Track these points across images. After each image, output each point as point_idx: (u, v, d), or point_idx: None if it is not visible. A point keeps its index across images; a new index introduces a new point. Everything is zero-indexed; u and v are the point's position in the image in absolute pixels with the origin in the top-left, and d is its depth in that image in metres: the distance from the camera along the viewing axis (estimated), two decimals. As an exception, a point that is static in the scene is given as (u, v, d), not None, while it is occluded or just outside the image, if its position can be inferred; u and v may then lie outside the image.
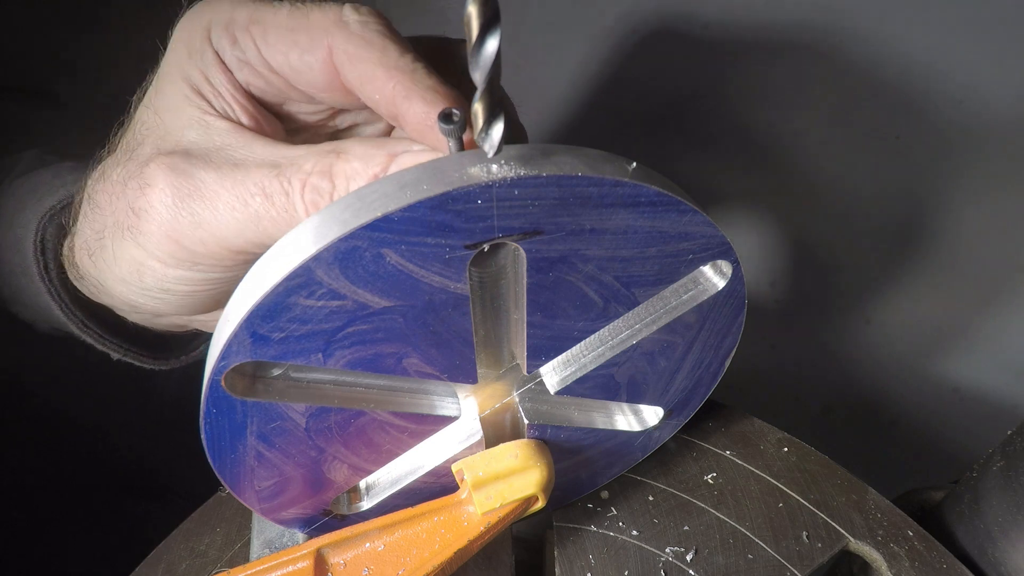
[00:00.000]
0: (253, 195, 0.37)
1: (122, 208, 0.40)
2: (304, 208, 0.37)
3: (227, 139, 0.40)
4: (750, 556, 0.46)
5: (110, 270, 0.42)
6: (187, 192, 0.38)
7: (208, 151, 0.39)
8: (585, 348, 0.41)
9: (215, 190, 0.38)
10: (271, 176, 0.37)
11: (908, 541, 0.47)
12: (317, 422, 0.38)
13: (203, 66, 0.40)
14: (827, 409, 1.10)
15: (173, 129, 0.40)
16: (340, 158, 0.37)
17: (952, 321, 1.00)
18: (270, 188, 0.37)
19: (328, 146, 0.38)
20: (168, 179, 0.38)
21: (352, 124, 0.47)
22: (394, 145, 0.37)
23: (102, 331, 0.51)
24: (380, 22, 0.39)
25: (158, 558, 0.48)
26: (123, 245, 0.41)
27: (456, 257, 0.32)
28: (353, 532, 0.39)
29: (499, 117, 0.29)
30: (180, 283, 0.42)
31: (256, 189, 0.37)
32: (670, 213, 0.34)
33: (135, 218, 0.40)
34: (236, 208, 0.37)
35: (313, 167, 0.37)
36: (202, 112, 0.40)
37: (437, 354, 0.36)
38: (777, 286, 1.05)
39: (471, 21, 0.27)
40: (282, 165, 0.37)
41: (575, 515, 0.48)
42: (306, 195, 0.37)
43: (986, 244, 0.94)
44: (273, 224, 0.37)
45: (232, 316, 0.32)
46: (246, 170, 0.38)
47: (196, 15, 0.41)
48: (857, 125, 0.91)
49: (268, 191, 0.37)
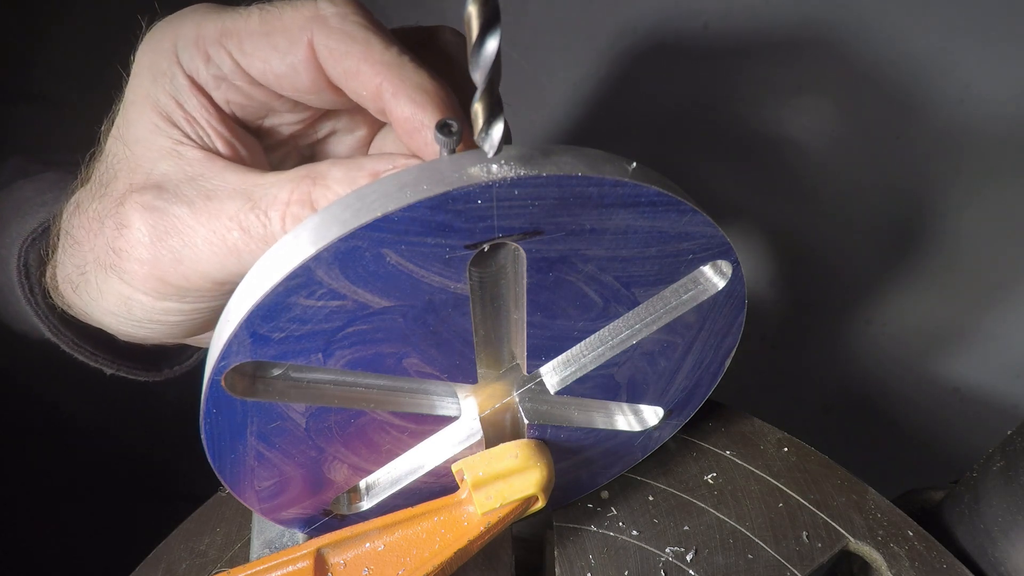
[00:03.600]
0: (230, 229, 0.36)
1: (102, 246, 0.39)
2: None
3: (199, 169, 0.38)
4: (750, 556, 0.46)
5: (96, 304, 0.42)
6: (164, 230, 0.37)
7: (180, 183, 0.38)
8: (585, 348, 0.41)
9: (191, 225, 0.37)
10: (246, 209, 0.36)
11: (908, 541, 0.47)
12: (317, 422, 0.38)
13: (173, 90, 0.38)
14: (827, 409, 1.10)
15: (144, 161, 0.39)
16: (318, 184, 0.36)
17: (952, 321, 1.00)
18: (247, 222, 0.36)
19: (302, 171, 0.37)
20: (144, 219, 0.37)
21: (331, 132, 0.45)
22: (374, 163, 0.36)
23: (93, 348, 0.50)
24: (359, 13, 0.37)
25: (158, 558, 0.48)
26: (108, 281, 0.40)
27: (456, 257, 0.32)
28: (353, 532, 0.39)
29: (499, 117, 0.29)
30: (169, 314, 0.41)
31: (232, 224, 0.36)
32: (670, 213, 0.34)
33: (116, 258, 0.39)
34: (214, 243, 0.36)
35: (291, 196, 0.36)
36: (174, 142, 0.38)
37: (437, 354, 0.36)
38: (777, 286, 1.05)
39: (471, 21, 0.27)
40: (256, 197, 0.36)
41: (575, 515, 0.48)
42: (288, 226, 0.35)
43: (986, 244, 0.94)
44: (254, 257, 0.36)
45: (232, 316, 0.32)
46: (219, 202, 0.36)
47: (159, 35, 0.38)
48: (857, 125, 0.91)
49: (245, 225, 0.36)
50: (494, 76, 0.28)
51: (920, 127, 0.89)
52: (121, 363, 0.52)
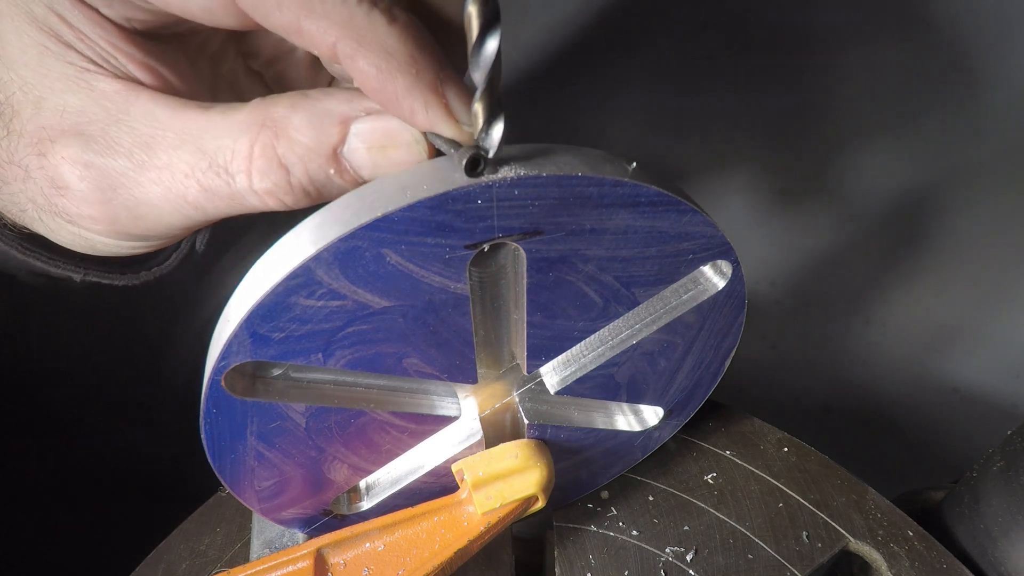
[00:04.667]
0: (187, 187, 0.31)
1: (37, 193, 0.34)
2: (258, 198, 0.32)
3: (120, 104, 0.32)
4: (750, 556, 0.46)
5: (53, 237, 0.37)
6: (110, 186, 0.32)
7: (105, 126, 0.31)
8: (585, 348, 0.41)
9: (139, 181, 0.32)
10: (204, 168, 0.31)
11: (908, 541, 0.47)
12: (317, 422, 0.38)
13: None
14: (827, 409, 1.10)
15: (46, 92, 0.32)
16: (281, 138, 0.30)
17: (952, 321, 1.01)
18: (207, 181, 0.31)
19: (257, 115, 0.31)
20: (81, 177, 0.32)
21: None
22: (341, 108, 0.31)
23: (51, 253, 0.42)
24: None
25: (158, 558, 0.48)
26: (57, 222, 0.35)
27: (456, 257, 0.32)
28: (353, 532, 0.39)
29: (499, 117, 0.29)
30: (135, 249, 0.37)
31: (190, 181, 0.31)
32: (670, 213, 0.34)
33: (64, 211, 0.34)
34: (172, 199, 0.32)
35: (251, 150, 0.31)
36: (78, 69, 0.31)
37: (437, 354, 0.36)
38: (777, 286, 1.05)
39: (471, 21, 0.27)
40: (209, 149, 0.31)
41: (575, 515, 0.48)
42: (256, 184, 0.31)
43: (986, 244, 0.94)
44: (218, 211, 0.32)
45: (232, 316, 0.32)
46: (166, 154, 0.31)
47: None
48: (857, 125, 0.91)
49: (205, 183, 0.31)
50: (494, 76, 0.28)
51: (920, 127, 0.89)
52: (91, 268, 0.45)
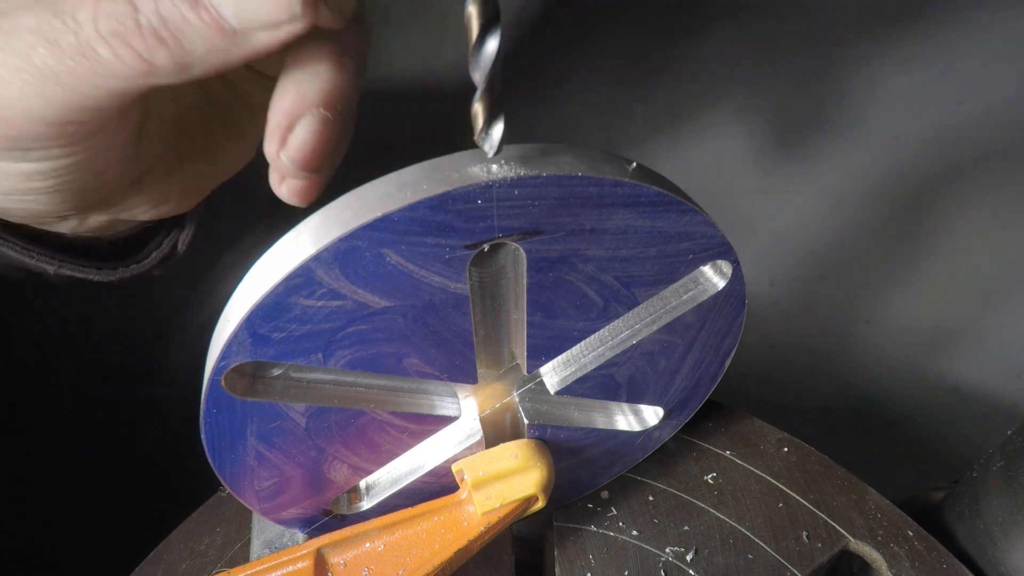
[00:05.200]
0: (34, 46, 0.29)
1: None
2: (106, 45, 0.29)
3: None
4: (750, 556, 0.46)
5: None
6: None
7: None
8: (585, 348, 0.41)
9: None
10: (48, 16, 0.29)
11: (908, 541, 0.47)
12: (317, 422, 0.38)
13: None
14: (827, 409, 1.10)
15: None
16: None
17: (952, 321, 1.01)
18: (52, 32, 0.29)
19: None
20: None
21: None
22: None
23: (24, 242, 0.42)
24: None
25: (158, 558, 0.48)
26: None
27: (456, 257, 0.32)
28: (353, 532, 0.39)
29: (499, 117, 0.29)
30: (31, 179, 0.35)
31: (34, 38, 0.29)
32: (670, 213, 0.34)
33: None
34: (22, 69, 0.30)
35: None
36: None
37: (437, 354, 0.36)
38: (777, 286, 1.05)
39: (471, 21, 0.27)
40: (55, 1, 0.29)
41: (575, 515, 0.48)
42: (101, 26, 0.29)
43: (986, 244, 0.94)
44: (73, 76, 0.30)
45: (232, 316, 0.32)
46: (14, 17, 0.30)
47: None
48: (857, 125, 0.92)
49: (51, 37, 0.29)
50: (494, 76, 0.28)
51: (920, 127, 0.89)
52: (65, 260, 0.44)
